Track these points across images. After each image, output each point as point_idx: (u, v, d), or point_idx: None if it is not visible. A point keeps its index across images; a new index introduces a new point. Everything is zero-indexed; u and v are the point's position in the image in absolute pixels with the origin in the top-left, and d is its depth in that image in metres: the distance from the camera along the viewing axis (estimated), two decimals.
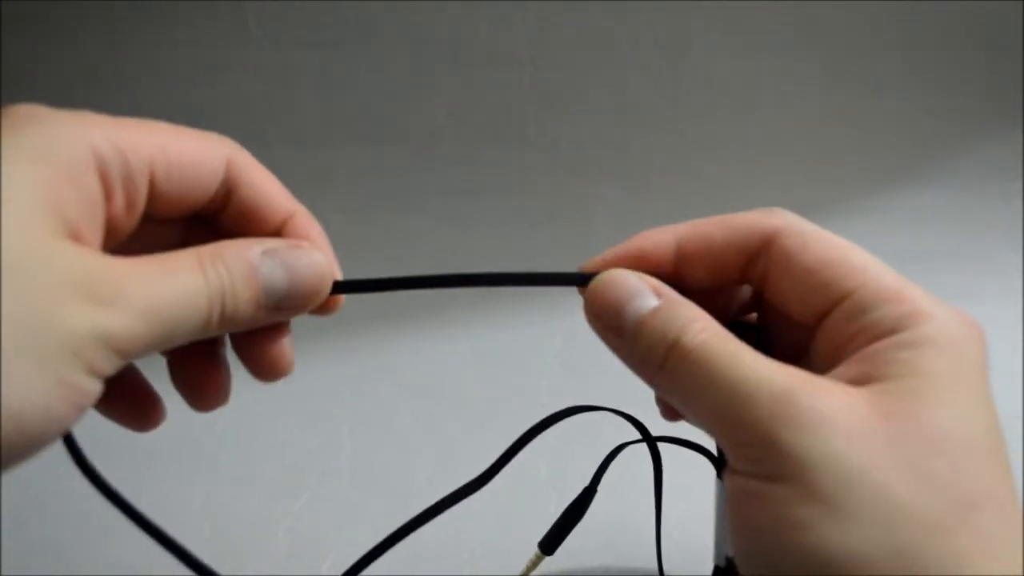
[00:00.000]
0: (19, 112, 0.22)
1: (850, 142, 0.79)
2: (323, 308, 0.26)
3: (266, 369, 0.26)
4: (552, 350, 0.60)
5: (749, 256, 0.26)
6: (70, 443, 0.25)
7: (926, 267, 0.69)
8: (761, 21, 0.78)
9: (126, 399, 0.26)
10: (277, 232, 0.26)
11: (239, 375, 0.27)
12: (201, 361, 0.26)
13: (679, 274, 0.26)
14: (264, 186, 0.26)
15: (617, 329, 0.24)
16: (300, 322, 0.26)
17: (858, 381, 0.22)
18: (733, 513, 0.22)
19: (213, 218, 0.26)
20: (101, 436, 0.29)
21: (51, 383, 0.19)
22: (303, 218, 0.27)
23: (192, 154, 0.24)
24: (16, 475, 0.48)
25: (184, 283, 0.22)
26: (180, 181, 0.24)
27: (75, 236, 0.21)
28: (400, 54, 0.76)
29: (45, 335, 0.19)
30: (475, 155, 0.76)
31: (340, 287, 0.25)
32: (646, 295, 0.24)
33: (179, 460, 0.51)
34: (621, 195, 0.75)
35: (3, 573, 0.44)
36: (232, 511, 0.48)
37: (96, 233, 0.22)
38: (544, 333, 0.61)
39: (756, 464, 0.21)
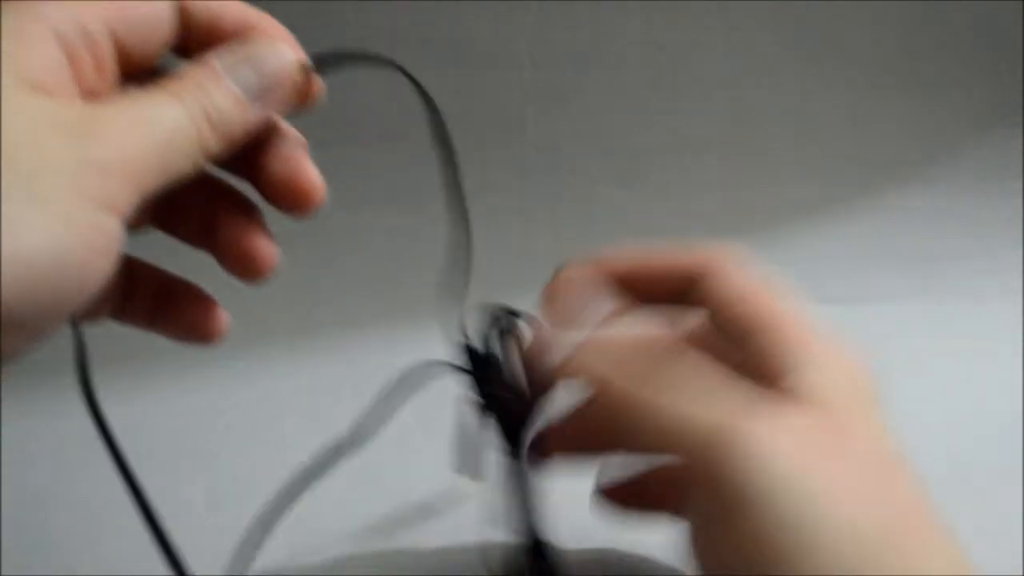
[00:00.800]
0: None
1: (850, 142, 0.79)
2: (305, 96, 0.28)
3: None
4: None
5: (687, 284, 0.27)
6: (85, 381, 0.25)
7: (926, 267, 0.69)
8: (761, 21, 0.78)
9: (179, 307, 0.27)
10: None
11: (240, 373, 0.27)
12: (234, 222, 0.28)
13: (631, 292, 0.28)
14: (217, 6, 0.27)
15: (541, 363, 0.25)
16: (301, 320, 0.26)
17: (787, 401, 0.23)
18: (696, 547, 0.22)
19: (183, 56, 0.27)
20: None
21: (50, 218, 0.18)
22: (265, 22, 0.27)
23: (143, 6, 0.25)
24: (16, 474, 0.48)
25: (163, 108, 0.22)
26: (140, 33, 0.24)
27: (45, 91, 0.21)
28: (400, 54, 0.76)
29: (31, 169, 0.18)
30: (475, 155, 0.76)
31: (314, 64, 0.27)
32: (560, 340, 0.25)
33: (179, 459, 0.51)
34: (621, 195, 0.75)
35: (3, 573, 0.44)
36: (232, 511, 0.48)
37: (68, 90, 0.22)
38: None
39: (704, 503, 0.21)
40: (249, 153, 0.27)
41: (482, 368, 0.27)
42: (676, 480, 0.22)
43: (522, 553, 0.33)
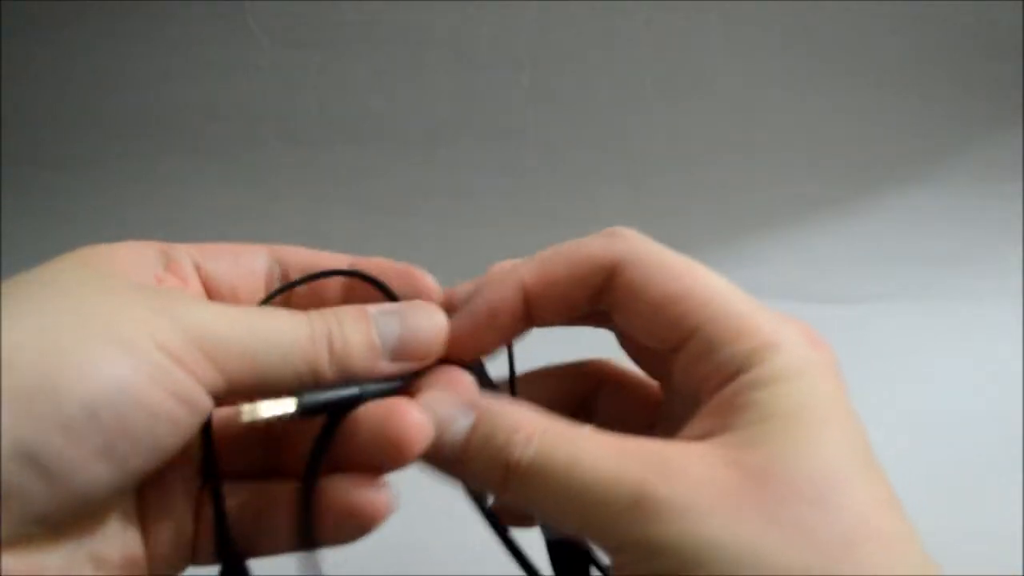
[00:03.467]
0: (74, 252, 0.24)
1: (850, 142, 0.79)
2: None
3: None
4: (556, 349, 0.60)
5: (595, 291, 0.24)
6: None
7: (926, 267, 0.69)
8: (761, 21, 0.78)
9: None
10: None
11: None
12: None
13: (531, 316, 0.25)
14: (312, 257, 0.27)
15: (445, 464, 0.23)
16: None
17: (713, 432, 0.21)
18: None
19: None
20: None
21: (138, 372, 0.19)
22: (362, 264, 0.27)
23: (231, 247, 0.26)
24: None
25: (282, 316, 0.22)
26: (225, 264, 0.26)
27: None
28: (400, 54, 0.76)
29: (129, 328, 0.19)
30: (475, 155, 0.76)
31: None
32: (457, 418, 0.22)
33: None
34: (621, 195, 0.75)
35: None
36: None
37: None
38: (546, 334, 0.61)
39: (634, 567, 0.20)
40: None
41: None
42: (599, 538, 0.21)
43: None
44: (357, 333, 0.22)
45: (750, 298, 0.23)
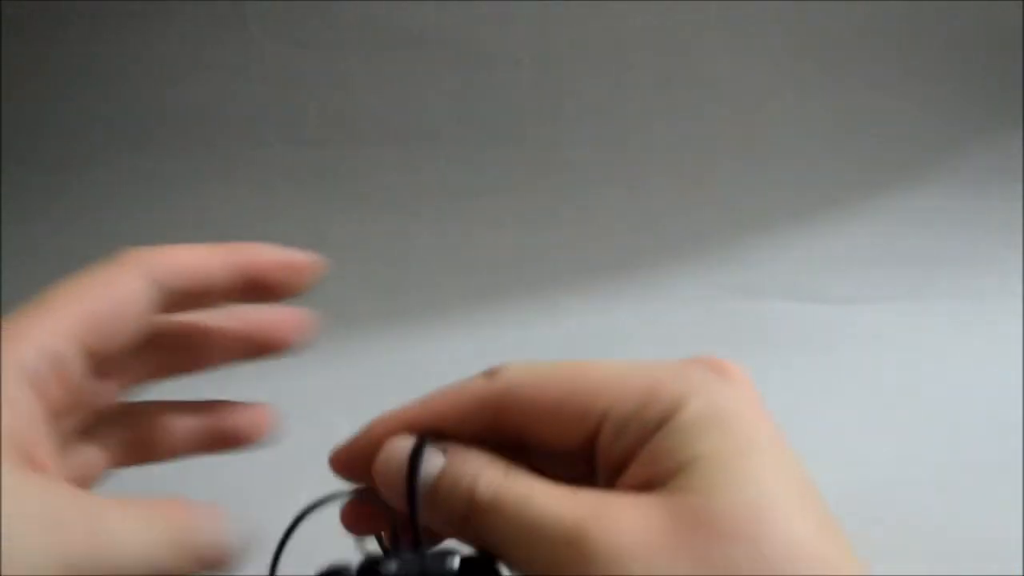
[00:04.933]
0: None
1: (850, 142, 0.79)
2: None
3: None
4: (556, 349, 0.60)
5: (488, 424, 0.25)
6: None
7: (926, 267, 0.69)
8: (761, 21, 0.78)
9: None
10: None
11: (237, 377, 0.27)
12: None
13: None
14: (189, 266, 0.26)
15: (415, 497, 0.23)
16: None
17: (645, 483, 0.22)
18: None
19: (168, 325, 0.27)
20: None
21: None
22: (248, 254, 0.27)
23: (111, 299, 0.24)
24: None
25: (139, 525, 0.22)
26: (113, 327, 0.24)
27: (32, 462, 0.21)
28: (400, 54, 0.76)
29: (11, 566, 0.19)
30: (475, 155, 0.76)
31: None
32: (431, 457, 0.24)
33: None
34: (621, 195, 0.75)
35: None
36: (232, 511, 0.47)
37: (46, 443, 0.22)
38: (546, 334, 0.61)
39: None
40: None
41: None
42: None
43: None
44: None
45: (644, 362, 0.24)
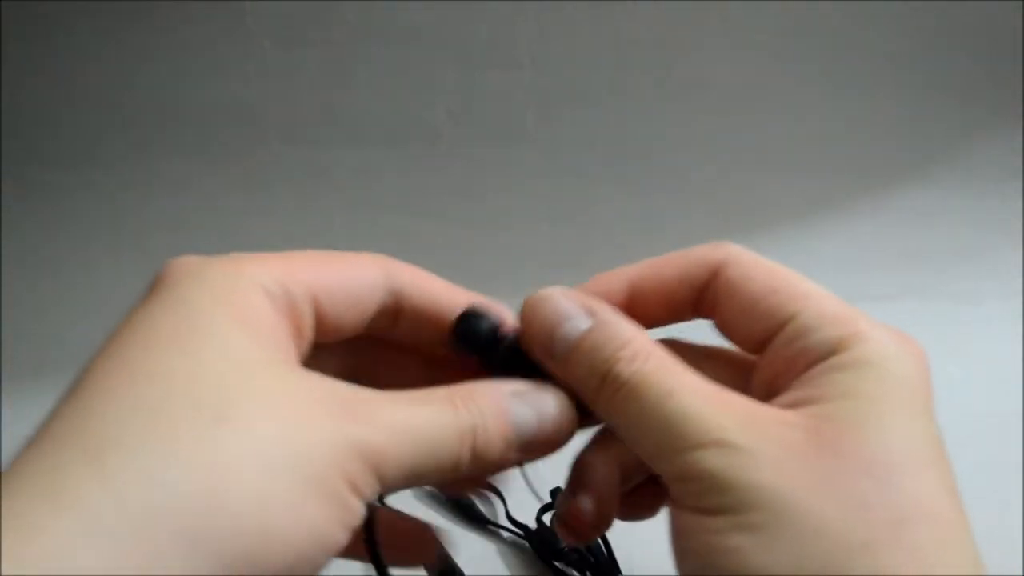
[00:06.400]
0: (180, 270, 0.22)
1: (850, 142, 0.79)
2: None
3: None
4: None
5: (699, 289, 0.26)
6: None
7: (926, 267, 0.69)
8: (761, 21, 0.78)
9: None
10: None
11: None
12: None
13: (632, 315, 0.26)
14: (431, 290, 0.26)
15: (550, 355, 0.24)
16: None
17: (796, 404, 0.22)
18: (674, 542, 0.22)
19: (387, 333, 0.26)
20: None
21: (318, 501, 0.19)
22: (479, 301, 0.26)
23: (349, 273, 0.24)
24: None
25: (435, 412, 0.22)
26: (343, 302, 0.24)
27: (289, 362, 0.21)
28: (400, 54, 0.76)
29: (306, 452, 0.19)
30: (475, 155, 0.76)
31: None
32: (576, 317, 0.24)
33: None
34: (621, 195, 0.75)
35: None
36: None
37: (292, 354, 0.22)
38: None
39: (694, 498, 0.21)
40: None
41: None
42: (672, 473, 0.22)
43: None
44: (497, 429, 0.23)
45: (842, 301, 0.25)
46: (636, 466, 0.27)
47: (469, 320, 0.25)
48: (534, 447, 0.24)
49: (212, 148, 0.74)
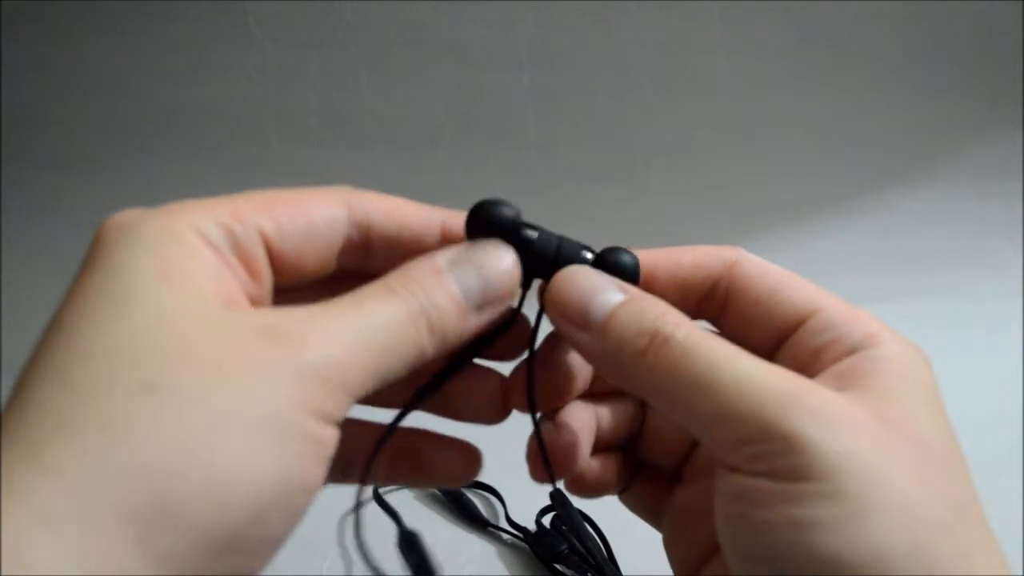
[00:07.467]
0: (114, 229, 0.21)
1: (850, 142, 0.79)
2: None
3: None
4: None
5: (712, 279, 0.26)
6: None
7: (926, 267, 0.69)
8: (761, 21, 0.78)
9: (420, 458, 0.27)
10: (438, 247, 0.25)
11: None
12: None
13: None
14: (401, 215, 0.25)
15: (583, 324, 0.23)
16: None
17: (844, 389, 0.22)
18: (730, 511, 0.21)
19: (361, 268, 0.25)
20: None
21: (277, 442, 0.18)
22: (456, 219, 0.25)
23: (301, 209, 0.23)
24: None
25: (379, 305, 0.21)
26: (298, 238, 0.23)
27: (229, 302, 0.20)
28: (400, 54, 0.76)
29: (251, 398, 0.18)
30: (475, 155, 0.76)
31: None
32: (611, 290, 0.24)
33: None
34: (621, 195, 0.75)
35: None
36: None
37: (239, 297, 0.21)
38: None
39: (766, 461, 0.20)
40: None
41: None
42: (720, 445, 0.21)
43: None
44: (444, 299, 0.22)
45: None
46: (615, 429, 0.28)
47: (490, 207, 0.25)
48: (488, 302, 0.23)
49: (212, 148, 0.74)
